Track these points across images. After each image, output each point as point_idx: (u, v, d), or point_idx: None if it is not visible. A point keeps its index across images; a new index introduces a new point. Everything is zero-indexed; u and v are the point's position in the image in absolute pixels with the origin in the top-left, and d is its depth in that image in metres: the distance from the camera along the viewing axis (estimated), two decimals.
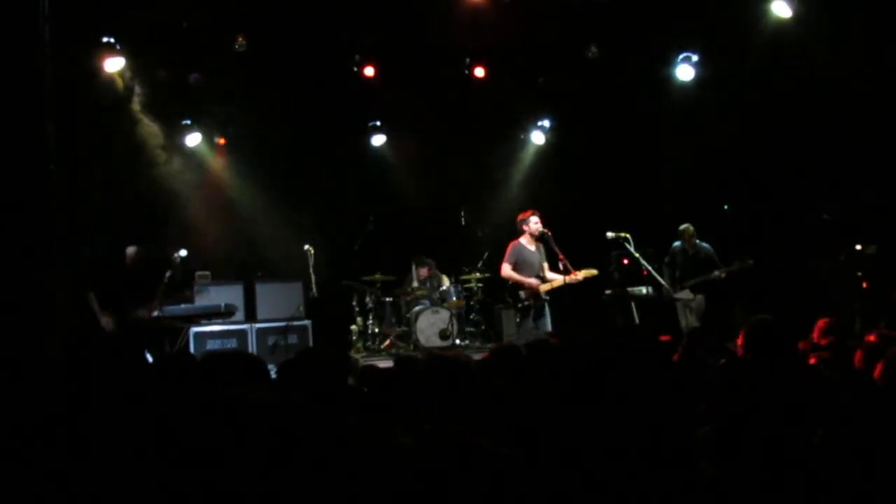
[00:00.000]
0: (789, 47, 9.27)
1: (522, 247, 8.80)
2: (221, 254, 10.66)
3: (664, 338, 5.87)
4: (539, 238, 8.76)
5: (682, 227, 9.76)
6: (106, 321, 6.86)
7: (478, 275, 10.72)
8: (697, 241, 9.69)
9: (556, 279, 8.66)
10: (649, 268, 9.22)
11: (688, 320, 9.50)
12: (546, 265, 8.79)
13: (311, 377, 3.44)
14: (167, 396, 3.30)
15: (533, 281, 8.64)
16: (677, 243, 9.79)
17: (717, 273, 9.42)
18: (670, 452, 1.88)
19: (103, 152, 9.17)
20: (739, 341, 5.12)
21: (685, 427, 2.55)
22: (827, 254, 9.65)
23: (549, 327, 8.65)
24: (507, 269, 8.80)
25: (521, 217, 8.89)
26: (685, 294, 9.52)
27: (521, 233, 8.84)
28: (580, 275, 8.67)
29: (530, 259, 8.74)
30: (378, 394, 3.88)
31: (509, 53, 10.53)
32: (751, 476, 2.65)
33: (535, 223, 8.74)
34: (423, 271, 11.09)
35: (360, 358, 9.43)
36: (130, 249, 7.41)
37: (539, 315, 8.70)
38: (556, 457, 2.21)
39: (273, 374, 3.88)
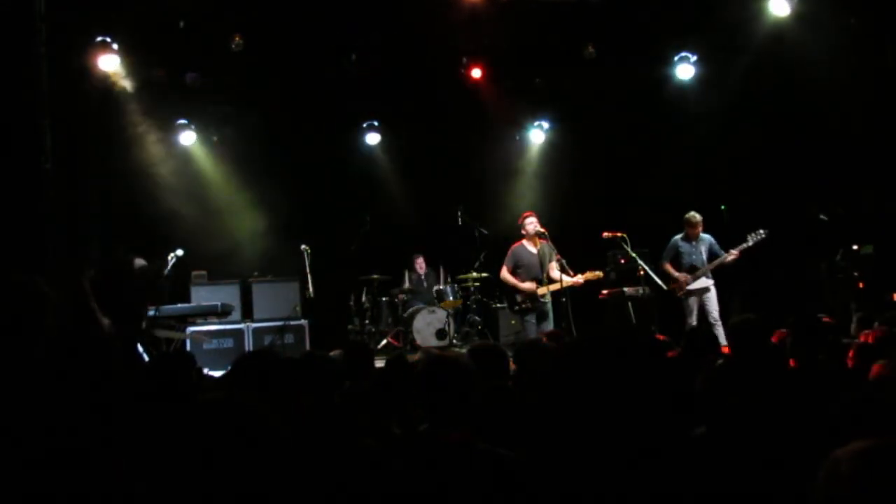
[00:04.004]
0: (787, 46, 9.27)
1: (522, 248, 8.88)
2: (218, 253, 10.63)
3: (660, 337, 5.86)
4: (538, 237, 8.79)
5: (688, 215, 9.33)
6: (107, 323, 6.84)
7: (475, 274, 10.71)
8: (700, 231, 9.31)
9: (560, 281, 8.64)
10: (646, 268, 9.20)
11: (705, 313, 9.12)
12: (554, 265, 8.76)
13: (311, 379, 3.43)
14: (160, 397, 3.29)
15: (527, 285, 8.69)
16: (677, 236, 9.42)
17: (732, 252, 9.00)
18: (667, 452, 1.87)
19: (99, 150, 9.15)
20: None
21: (682, 427, 2.54)
22: (823, 254, 9.65)
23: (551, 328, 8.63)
24: (504, 272, 8.94)
25: (520, 220, 9.00)
26: (700, 283, 9.15)
27: (522, 235, 8.93)
28: (581, 278, 8.69)
29: (529, 261, 8.78)
30: (375, 393, 3.87)
31: (506, 54, 10.52)
32: (744, 474, 2.64)
33: (530, 223, 8.83)
34: (422, 263, 11.11)
35: None
36: (139, 261, 7.38)
37: (542, 316, 8.72)
38: (553, 457, 2.20)
39: None
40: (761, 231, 8.94)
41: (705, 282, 9.20)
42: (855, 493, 1.41)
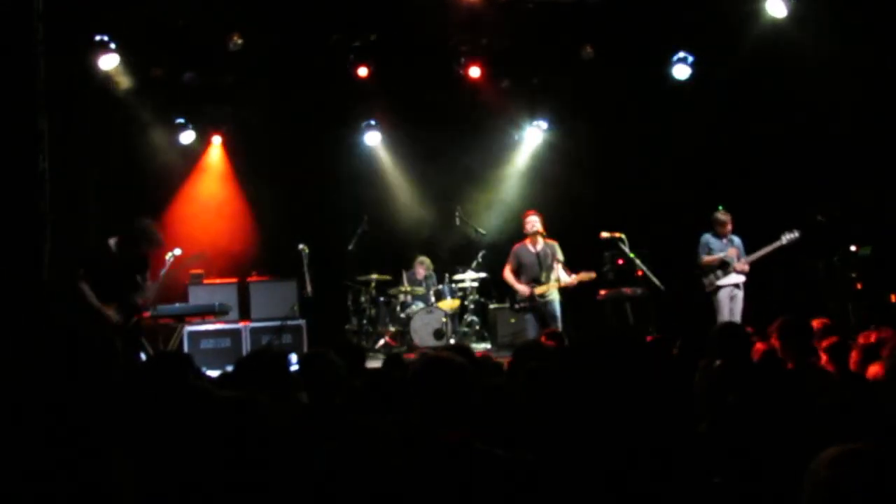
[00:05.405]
0: (784, 47, 9.27)
1: (523, 248, 8.87)
2: (215, 252, 10.62)
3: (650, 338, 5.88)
4: (537, 236, 8.79)
5: (716, 213, 9.16)
6: (111, 313, 6.84)
7: (472, 274, 10.70)
8: (730, 228, 9.15)
9: (558, 281, 8.63)
10: (644, 268, 9.19)
11: (731, 313, 8.91)
12: (555, 265, 8.73)
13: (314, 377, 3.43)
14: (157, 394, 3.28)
15: (522, 287, 8.72)
16: (707, 234, 9.21)
17: (743, 263, 8.93)
18: (669, 451, 1.88)
19: (97, 150, 9.14)
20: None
21: (683, 424, 2.54)
22: (821, 255, 9.64)
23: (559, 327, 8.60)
24: (505, 272, 8.97)
25: (523, 218, 9.00)
26: (731, 279, 8.99)
27: (526, 235, 8.92)
28: (576, 278, 8.68)
29: (529, 261, 8.77)
30: (374, 394, 3.87)
31: (504, 54, 10.52)
32: (741, 473, 2.65)
33: (528, 223, 8.81)
34: (421, 270, 11.09)
35: None
36: (112, 240, 7.39)
37: (544, 316, 8.68)
38: (551, 457, 2.20)
39: None
40: (795, 231, 8.86)
41: (736, 278, 9.05)
42: (832, 497, 1.44)
